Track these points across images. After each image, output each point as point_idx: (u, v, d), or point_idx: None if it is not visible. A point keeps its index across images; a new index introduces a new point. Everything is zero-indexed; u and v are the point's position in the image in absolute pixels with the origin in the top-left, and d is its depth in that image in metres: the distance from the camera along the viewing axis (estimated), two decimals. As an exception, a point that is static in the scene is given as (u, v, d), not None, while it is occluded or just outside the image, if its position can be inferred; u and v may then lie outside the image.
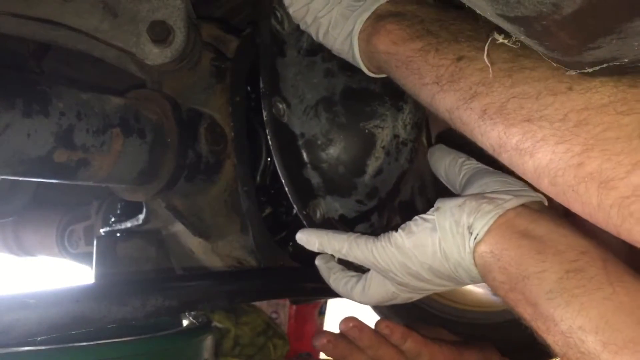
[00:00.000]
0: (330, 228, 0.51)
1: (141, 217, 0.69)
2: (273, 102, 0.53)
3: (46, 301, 0.44)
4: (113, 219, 0.76)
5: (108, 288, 0.49)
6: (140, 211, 0.69)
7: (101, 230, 0.76)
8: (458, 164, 0.49)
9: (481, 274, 0.39)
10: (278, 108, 0.53)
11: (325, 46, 0.50)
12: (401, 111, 0.56)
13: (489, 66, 0.35)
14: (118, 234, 0.72)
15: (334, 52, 0.50)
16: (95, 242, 0.73)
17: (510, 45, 0.34)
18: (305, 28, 0.51)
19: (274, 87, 0.53)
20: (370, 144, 0.55)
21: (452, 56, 0.38)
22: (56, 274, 1.24)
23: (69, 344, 0.47)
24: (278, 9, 0.52)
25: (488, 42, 0.35)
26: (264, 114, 0.53)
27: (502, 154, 0.35)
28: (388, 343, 0.57)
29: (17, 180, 0.51)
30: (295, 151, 0.54)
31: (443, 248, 0.40)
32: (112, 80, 0.69)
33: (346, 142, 0.54)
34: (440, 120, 0.42)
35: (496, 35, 0.35)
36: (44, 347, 0.46)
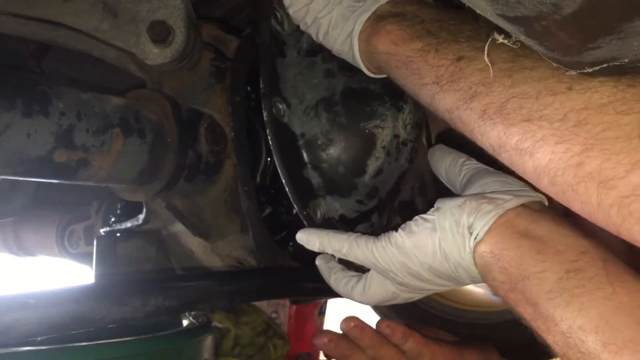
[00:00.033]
0: (330, 228, 0.50)
1: (141, 217, 0.69)
2: (273, 103, 0.53)
3: (46, 301, 0.44)
4: (113, 219, 0.76)
5: (108, 288, 0.49)
6: (140, 211, 0.69)
7: (101, 230, 0.76)
8: (458, 164, 0.49)
9: (481, 274, 0.39)
10: (278, 108, 0.53)
11: (325, 47, 0.50)
12: (401, 111, 0.56)
13: (489, 66, 0.35)
14: (118, 234, 0.72)
15: (334, 53, 0.50)
16: (95, 242, 0.73)
17: (510, 45, 0.34)
18: (305, 29, 0.51)
19: (274, 88, 0.53)
20: (370, 144, 0.55)
21: (452, 56, 0.38)
22: (56, 274, 1.24)
23: (69, 344, 0.47)
24: (278, 10, 0.52)
25: (488, 42, 0.35)
26: (264, 114, 0.53)
27: (502, 154, 0.35)
28: (389, 343, 0.57)
29: (17, 180, 0.51)
30: (295, 151, 0.54)
31: (443, 248, 0.40)
32: (112, 80, 0.69)
33: (346, 142, 0.54)
34: (440, 120, 0.42)
35: (496, 35, 0.35)
36: (44, 347, 0.45)
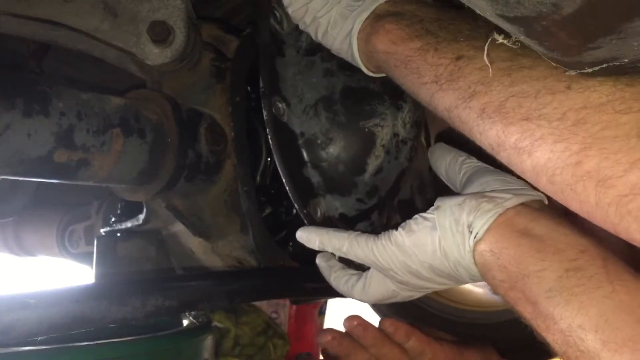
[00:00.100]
0: (330, 227, 0.51)
1: (141, 217, 0.69)
2: (273, 102, 0.53)
3: (46, 301, 0.44)
4: (113, 219, 0.76)
5: (108, 288, 0.49)
6: (140, 211, 0.69)
7: (101, 230, 0.76)
8: (458, 163, 0.49)
9: (481, 273, 0.39)
10: (278, 107, 0.53)
11: (324, 46, 0.50)
12: (401, 110, 0.56)
13: (489, 66, 0.35)
14: (118, 234, 0.72)
15: (333, 52, 0.50)
16: (95, 242, 0.73)
17: (509, 45, 0.34)
18: (304, 28, 0.51)
19: (274, 87, 0.53)
20: (370, 143, 0.55)
21: (451, 55, 0.38)
22: (56, 274, 1.24)
23: (69, 344, 0.47)
24: (277, 9, 0.52)
25: (488, 42, 0.35)
26: (264, 114, 0.53)
27: (501, 153, 0.35)
28: (391, 341, 0.57)
29: (18, 180, 0.51)
30: (295, 150, 0.54)
31: (443, 247, 0.40)
32: (112, 80, 0.69)
33: (346, 141, 0.54)
34: (439, 119, 0.42)
35: (496, 35, 0.35)
36: (44, 347, 0.45)
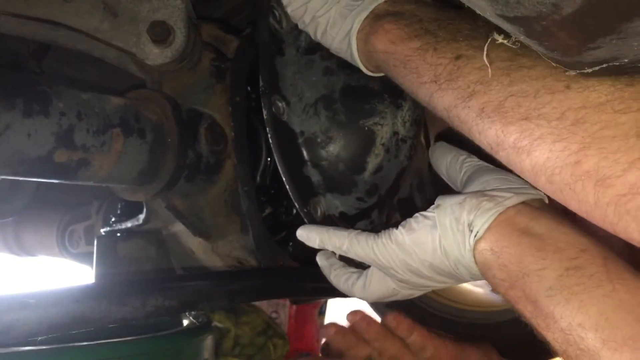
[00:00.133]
0: (331, 225, 0.51)
1: (141, 217, 0.69)
2: (273, 101, 0.53)
3: (46, 301, 0.44)
4: (113, 219, 0.76)
5: (108, 288, 0.49)
6: (140, 211, 0.69)
7: (101, 230, 0.76)
8: (459, 162, 0.49)
9: (481, 271, 0.39)
10: (278, 106, 0.53)
11: (323, 45, 0.50)
12: (400, 108, 0.56)
13: (488, 65, 0.35)
14: (118, 234, 0.72)
15: (332, 51, 0.50)
16: (95, 242, 0.73)
17: (509, 45, 0.34)
18: (303, 27, 0.51)
19: (274, 86, 0.53)
20: (369, 142, 0.55)
21: (451, 55, 0.38)
22: (56, 274, 1.24)
23: (69, 344, 0.47)
24: (276, 8, 0.52)
25: (487, 42, 0.35)
26: (264, 113, 0.53)
27: (500, 152, 0.35)
28: (394, 336, 0.58)
29: (18, 180, 0.51)
30: (295, 149, 0.54)
31: (443, 245, 0.40)
32: (112, 80, 0.69)
33: (346, 140, 0.54)
34: (439, 119, 0.42)
35: (496, 35, 0.35)
36: (44, 347, 0.45)
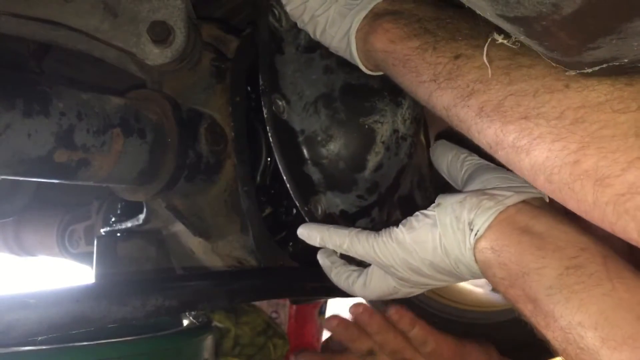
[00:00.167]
0: (331, 224, 0.51)
1: (141, 217, 0.69)
2: (273, 100, 0.53)
3: (46, 301, 0.43)
4: (113, 219, 0.76)
5: (108, 288, 0.49)
6: (140, 211, 0.69)
7: (102, 230, 0.76)
8: (460, 160, 0.49)
9: (481, 270, 0.39)
10: (278, 105, 0.53)
11: (322, 44, 0.50)
12: (400, 106, 0.56)
13: (488, 65, 0.35)
14: (118, 234, 0.72)
15: (332, 50, 0.50)
16: (95, 242, 0.73)
17: (509, 45, 0.34)
18: (302, 26, 0.51)
19: (274, 85, 0.53)
20: (370, 140, 0.55)
21: (450, 54, 0.38)
22: (56, 274, 1.24)
23: (69, 344, 0.47)
24: (275, 6, 0.53)
25: (487, 42, 0.35)
26: (264, 112, 0.53)
27: (499, 152, 0.35)
28: (395, 330, 0.58)
29: (18, 180, 0.51)
30: (295, 148, 0.54)
31: (444, 244, 0.40)
32: (112, 80, 0.69)
33: (346, 138, 0.54)
34: (438, 119, 0.42)
35: (496, 35, 0.35)
36: (44, 347, 0.45)
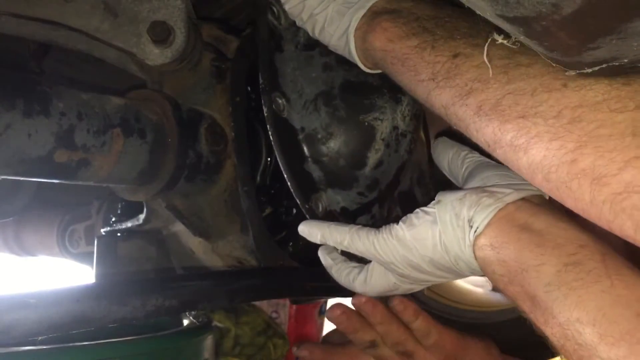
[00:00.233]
0: (332, 221, 0.51)
1: (142, 217, 0.69)
2: (273, 98, 0.53)
3: (46, 301, 0.43)
4: (114, 219, 0.76)
5: (108, 288, 0.49)
6: (140, 211, 0.69)
7: (102, 230, 0.76)
8: (461, 157, 0.49)
9: (481, 267, 0.39)
10: (278, 103, 0.53)
11: (321, 42, 0.50)
12: (400, 103, 0.56)
13: (488, 65, 0.35)
14: (118, 234, 0.72)
15: (330, 49, 0.50)
16: (95, 242, 0.73)
17: (509, 45, 0.35)
18: (301, 25, 0.51)
19: (273, 83, 0.53)
20: (370, 137, 0.55)
21: (448, 53, 0.38)
22: (56, 274, 1.24)
23: (69, 344, 0.47)
24: (275, 5, 0.53)
25: (487, 43, 0.35)
26: (264, 110, 0.53)
27: (497, 150, 0.35)
28: (398, 321, 0.58)
29: (18, 180, 0.51)
30: (296, 146, 0.54)
31: (443, 241, 0.40)
32: (113, 80, 0.69)
33: (346, 135, 0.54)
34: (438, 119, 0.42)
35: (496, 35, 0.35)
36: (44, 347, 0.45)
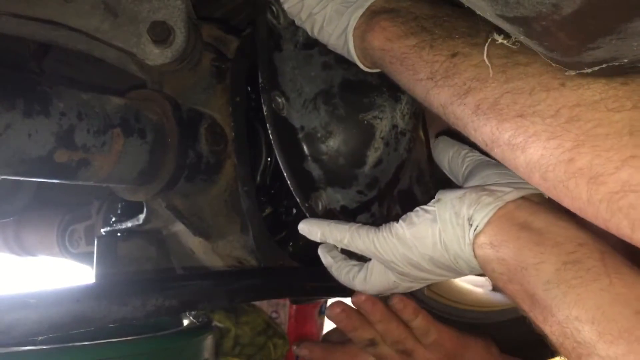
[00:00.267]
0: (332, 219, 0.51)
1: (142, 217, 0.69)
2: (272, 97, 0.53)
3: (47, 301, 0.43)
4: (114, 219, 0.76)
5: (108, 288, 0.49)
6: (140, 211, 0.69)
7: (102, 230, 0.76)
8: (461, 156, 0.49)
9: (481, 265, 0.39)
10: (277, 102, 0.53)
11: (320, 42, 0.51)
12: (399, 101, 0.56)
13: (488, 65, 0.35)
14: (119, 234, 0.72)
15: (329, 48, 0.50)
16: (95, 242, 0.73)
17: (509, 45, 0.35)
18: (300, 24, 0.51)
19: (273, 82, 0.54)
20: (369, 135, 0.55)
21: (447, 52, 0.38)
22: (56, 274, 1.24)
23: (69, 344, 0.47)
24: (274, 4, 0.53)
25: (487, 43, 0.35)
26: (264, 109, 0.53)
27: (495, 149, 0.35)
28: (398, 319, 0.57)
29: (18, 180, 0.51)
30: (295, 144, 0.54)
31: (443, 239, 0.40)
32: (113, 80, 0.69)
33: (346, 134, 0.55)
34: (438, 119, 0.42)
35: (495, 35, 0.35)
36: (44, 347, 0.45)
